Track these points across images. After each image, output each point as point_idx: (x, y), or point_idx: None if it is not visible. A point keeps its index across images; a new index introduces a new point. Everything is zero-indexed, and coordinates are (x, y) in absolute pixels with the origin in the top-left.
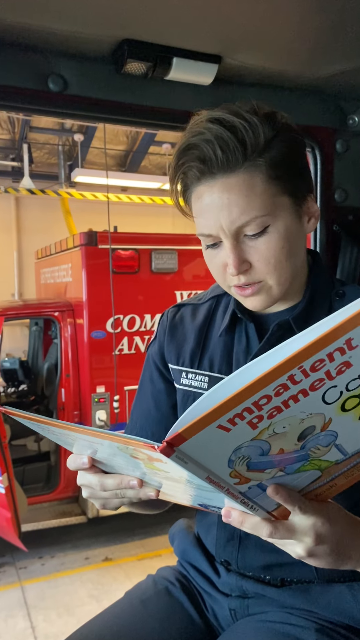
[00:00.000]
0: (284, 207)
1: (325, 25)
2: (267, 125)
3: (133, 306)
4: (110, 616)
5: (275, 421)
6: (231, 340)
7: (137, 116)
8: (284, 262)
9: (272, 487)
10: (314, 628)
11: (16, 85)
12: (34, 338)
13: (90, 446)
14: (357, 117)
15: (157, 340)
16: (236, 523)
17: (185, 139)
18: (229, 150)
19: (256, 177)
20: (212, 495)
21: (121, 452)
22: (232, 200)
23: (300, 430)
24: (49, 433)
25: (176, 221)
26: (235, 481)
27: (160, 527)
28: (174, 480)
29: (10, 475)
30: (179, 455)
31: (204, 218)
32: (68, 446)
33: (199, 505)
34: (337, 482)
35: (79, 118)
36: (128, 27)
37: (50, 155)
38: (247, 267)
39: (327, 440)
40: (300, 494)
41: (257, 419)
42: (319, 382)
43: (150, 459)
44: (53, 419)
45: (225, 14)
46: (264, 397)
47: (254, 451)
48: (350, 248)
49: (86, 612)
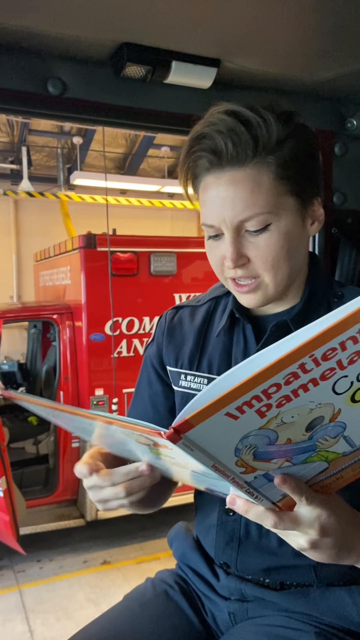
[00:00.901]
0: (288, 207)
1: (324, 29)
2: (282, 124)
3: (132, 309)
4: (109, 620)
5: (284, 410)
6: (229, 341)
7: (136, 119)
8: (281, 261)
9: (279, 477)
10: (313, 632)
11: (16, 89)
12: (33, 340)
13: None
14: (356, 120)
15: (154, 343)
16: (241, 511)
17: (200, 128)
18: (240, 145)
19: (264, 174)
20: (218, 482)
21: (126, 436)
22: (237, 195)
23: (308, 420)
24: (55, 417)
25: (175, 224)
26: (241, 470)
27: (159, 530)
28: (180, 466)
29: (9, 478)
30: (185, 442)
31: (209, 209)
32: (78, 431)
33: (206, 488)
34: (344, 474)
35: (78, 121)
36: (127, 31)
37: (49, 158)
38: (245, 261)
39: (336, 431)
40: (307, 485)
41: (266, 408)
42: (330, 371)
43: (156, 445)
44: (59, 403)
45: (224, 18)
46: (274, 386)
47: (261, 440)
48: (348, 251)
49: (84, 615)
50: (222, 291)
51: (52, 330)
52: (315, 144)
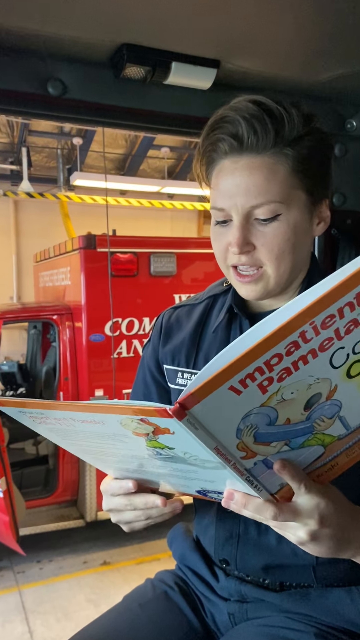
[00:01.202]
0: (299, 201)
1: (324, 30)
2: (303, 121)
3: (132, 309)
4: (109, 620)
5: (285, 385)
6: (226, 338)
7: (136, 120)
8: (286, 253)
9: (279, 462)
10: (313, 632)
11: (16, 90)
12: (33, 341)
13: (84, 435)
14: (355, 121)
15: (150, 343)
16: (239, 505)
17: (223, 111)
18: (262, 132)
19: (280, 164)
20: (215, 475)
21: (122, 428)
22: (252, 180)
23: (307, 397)
24: (38, 423)
25: (175, 225)
26: (242, 455)
27: (159, 531)
28: (176, 461)
29: (9, 478)
30: (190, 419)
31: (222, 193)
32: (67, 443)
33: (197, 492)
34: (339, 460)
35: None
36: (127, 32)
37: (49, 159)
38: (250, 248)
39: (332, 411)
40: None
41: (268, 382)
42: (328, 341)
43: (157, 431)
44: (45, 401)
45: (224, 19)
46: (275, 356)
47: (261, 419)
48: (348, 252)
49: (84, 616)
50: (220, 289)
51: (52, 330)
52: (330, 148)
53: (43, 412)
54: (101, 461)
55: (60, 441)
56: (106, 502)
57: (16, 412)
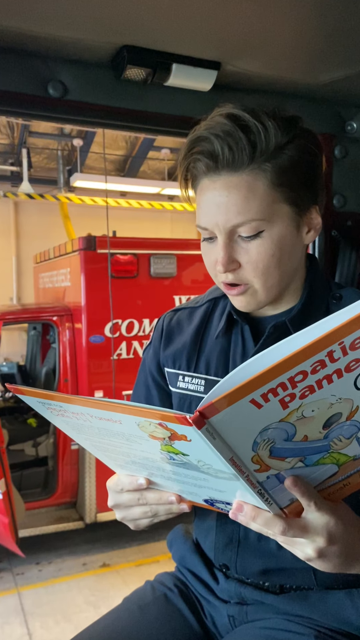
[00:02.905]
0: (282, 215)
1: (324, 32)
2: (282, 131)
3: (131, 311)
4: (108, 623)
5: (306, 402)
6: (227, 343)
7: (136, 122)
8: (271, 269)
9: (291, 479)
10: (313, 635)
11: (16, 91)
12: (32, 342)
13: (99, 432)
14: (356, 123)
15: (152, 346)
16: (248, 518)
17: (200, 130)
18: (237, 150)
19: (259, 180)
20: (226, 486)
21: (139, 430)
22: (230, 200)
23: (327, 416)
24: (56, 415)
25: (175, 226)
26: (256, 467)
27: (158, 533)
28: (188, 468)
29: (8, 480)
30: (209, 428)
31: (203, 212)
32: (75, 432)
33: (204, 501)
34: (351, 480)
35: (79, 123)
36: (128, 34)
37: (49, 160)
38: (236, 266)
39: (350, 431)
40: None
41: (290, 398)
42: (355, 362)
43: (174, 437)
44: (67, 395)
45: (225, 21)
46: (300, 373)
47: (279, 434)
48: (348, 253)
49: (84, 618)
50: (220, 293)
51: (51, 332)
52: (318, 151)
53: (62, 405)
54: (112, 459)
55: (74, 434)
56: (113, 498)
57: (35, 402)
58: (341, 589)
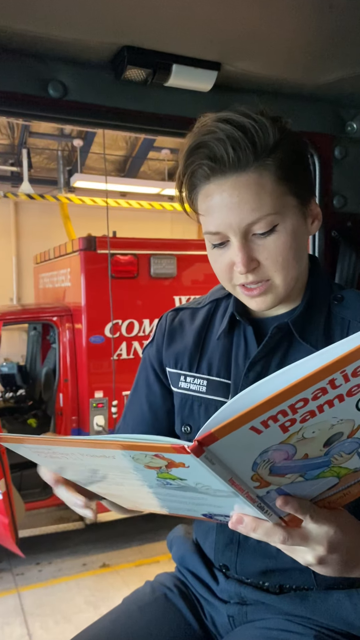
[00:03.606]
0: (291, 207)
1: (325, 33)
2: (275, 127)
3: (131, 311)
4: (108, 623)
5: (307, 426)
6: (230, 343)
7: (136, 122)
8: (291, 261)
9: (281, 499)
10: (313, 635)
11: (16, 91)
12: (32, 343)
13: (87, 465)
14: (356, 124)
15: (154, 344)
16: (249, 529)
17: (196, 138)
18: (240, 149)
19: (265, 176)
20: (224, 502)
21: (134, 462)
22: (242, 199)
23: (328, 436)
24: (44, 457)
25: (175, 226)
26: (256, 485)
27: (158, 534)
28: (186, 490)
29: (8, 480)
30: (208, 455)
31: (213, 216)
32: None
33: (203, 515)
34: (352, 490)
35: (79, 124)
36: (128, 34)
37: (50, 161)
38: (255, 265)
39: (351, 447)
40: (314, 501)
41: (290, 423)
42: (357, 387)
43: (171, 465)
44: (55, 437)
45: (225, 22)
46: (301, 401)
47: (279, 455)
48: (348, 254)
49: (83, 619)
50: (222, 293)
51: (51, 332)
52: (306, 145)
53: (50, 448)
54: (103, 489)
55: (61, 471)
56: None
57: (21, 448)
58: (341, 590)
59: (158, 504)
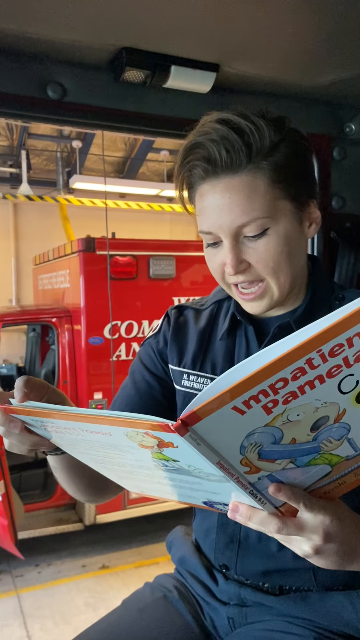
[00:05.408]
0: (285, 211)
1: (323, 34)
2: (273, 130)
3: (131, 312)
4: (107, 625)
5: (290, 407)
6: (232, 343)
7: (135, 123)
8: (283, 265)
9: (273, 486)
10: (312, 637)
11: (15, 93)
12: (32, 344)
13: (94, 443)
14: (354, 125)
15: (161, 335)
16: (244, 517)
17: (193, 138)
18: (234, 152)
19: (259, 179)
20: (220, 488)
21: (129, 440)
22: (233, 201)
23: (314, 419)
24: (50, 432)
25: (174, 227)
26: (246, 470)
27: (158, 535)
28: (181, 473)
29: (7, 482)
30: (192, 435)
31: (206, 216)
32: (70, 447)
33: (204, 503)
34: (347, 479)
35: (78, 125)
36: (127, 36)
37: (49, 162)
38: (246, 266)
39: (340, 433)
40: (309, 491)
41: (272, 404)
42: (336, 368)
43: (162, 444)
44: (57, 408)
45: (224, 23)
46: (281, 380)
47: (266, 438)
48: (347, 255)
49: (83, 620)
50: (224, 294)
51: (51, 333)
52: (308, 147)
53: (53, 422)
54: (110, 470)
55: (72, 450)
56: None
57: (29, 420)
58: (341, 591)
59: (160, 488)
